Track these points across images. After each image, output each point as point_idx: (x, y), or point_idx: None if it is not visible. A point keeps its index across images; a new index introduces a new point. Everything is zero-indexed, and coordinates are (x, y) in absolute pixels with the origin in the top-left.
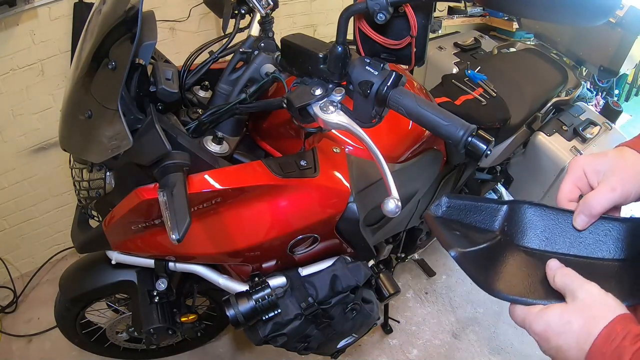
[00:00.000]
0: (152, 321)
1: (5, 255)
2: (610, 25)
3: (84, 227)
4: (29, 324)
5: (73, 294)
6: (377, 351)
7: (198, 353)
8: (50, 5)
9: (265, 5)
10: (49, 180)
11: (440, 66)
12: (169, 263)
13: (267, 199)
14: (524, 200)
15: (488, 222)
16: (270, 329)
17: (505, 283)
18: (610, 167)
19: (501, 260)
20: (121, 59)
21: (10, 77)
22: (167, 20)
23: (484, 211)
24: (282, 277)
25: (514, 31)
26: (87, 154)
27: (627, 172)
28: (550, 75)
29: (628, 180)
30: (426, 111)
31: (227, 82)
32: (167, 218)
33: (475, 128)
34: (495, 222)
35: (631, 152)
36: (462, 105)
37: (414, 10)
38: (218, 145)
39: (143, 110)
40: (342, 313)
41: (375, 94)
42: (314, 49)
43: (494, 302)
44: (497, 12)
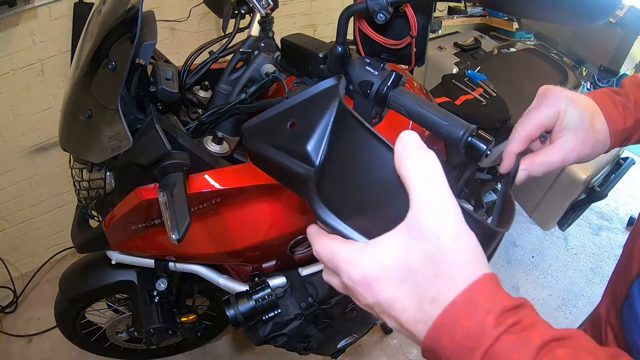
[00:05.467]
0: (152, 321)
1: (5, 255)
2: (610, 25)
3: (84, 227)
4: (29, 324)
5: (73, 294)
6: (377, 351)
7: (198, 353)
8: (50, 5)
9: (265, 5)
10: (49, 180)
11: (440, 66)
12: (169, 263)
13: (267, 199)
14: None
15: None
16: (270, 329)
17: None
18: (577, 132)
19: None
20: (121, 59)
21: (10, 77)
22: (167, 20)
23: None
24: (282, 277)
25: (514, 31)
26: (87, 154)
27: (588, 145)
28: (550, 75)
29: (585, 153)
30: (426, 111)
31: (227, 82)
32: (167, 218)
33: (475, 128)
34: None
35: (600, 122)
36: (462, 105)
37: (414, 10)
38: (218, 145)
39: (143, 110)
40: (342, 313)
41: (375, 94)
42: (314, 49)
43: None
44: (497, 12)
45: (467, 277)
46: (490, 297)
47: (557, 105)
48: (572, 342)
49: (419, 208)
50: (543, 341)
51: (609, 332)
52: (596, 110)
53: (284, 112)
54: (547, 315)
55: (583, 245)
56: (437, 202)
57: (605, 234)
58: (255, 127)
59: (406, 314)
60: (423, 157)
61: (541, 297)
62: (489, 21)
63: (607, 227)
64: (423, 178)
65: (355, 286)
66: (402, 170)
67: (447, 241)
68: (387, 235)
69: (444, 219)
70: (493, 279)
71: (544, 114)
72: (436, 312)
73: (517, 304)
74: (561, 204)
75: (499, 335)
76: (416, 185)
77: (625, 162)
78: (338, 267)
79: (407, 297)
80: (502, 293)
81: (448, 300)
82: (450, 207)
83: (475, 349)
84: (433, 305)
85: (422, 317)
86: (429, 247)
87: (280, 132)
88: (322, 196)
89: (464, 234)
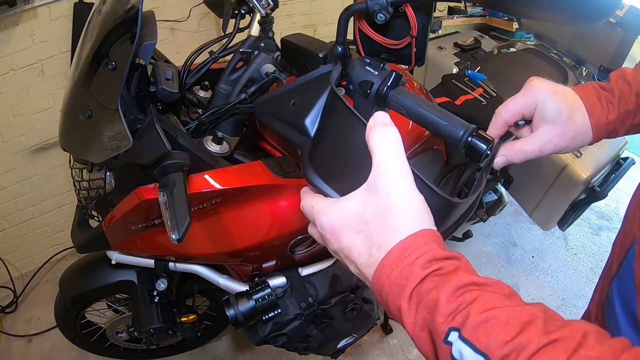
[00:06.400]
0: (152, 321)
1: (5, 255)
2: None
3: (84, 227)
4: (29, 324)
5: (73, 294)
6: (377, 351)
7: (198, 353)
8: (50, 5)
9: (265, 5)
10: (49, 180)
11: (440, 66)
12: (169, 263)
13: (267, 199)
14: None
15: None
16: (270, 329)
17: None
18: (555, 123)
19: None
20: (121, 59)
21: (10, 77)
22: (167, 20)
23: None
24: (282, 277)
25: (514, 31)
26: (87, 154)
27: (566, 136)
28: (550, 75)
29: (563, 144)
30: (426, 111)
31: (227, 82)
32: (167, 218)
33: (475, 128)
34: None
35: (581, 115)
36: (462, 105)
37: (414, 10)
38: (218, 145)
39: (143, 110)
40: (342, 313)
41: (375, 94)
42: (314, 49)
43: None
44: (497, 12)
45: (408, 230)
46: (423, 246)
47: (535, 96)
48: (491, 288)
49: (376, 170)
50: (460, 283)
51: None
52: (578, 104)
53: (288, 92)
54: None
55: (583, 245)
56: (391, 167)
57: (605, 234)
58: (266, 103)
59: (361, 258)
60: (386, 130)
61: (541, 297)
62: (489, 21)
63: (607, 227)
64: (383, 147)
65: (325, 233)
66: (369, 140)
67: (396, 199)
68: (352, 193)
69: (395, 181)
70: (431, 234)
71: (520, 103)
72: (380, 256)
73: (448, 256)
74: (561, 204)
75: (425, 276)
76: (377, 152)
77: (625, 162)
78: (314, 218)
79: (362, 244)
80: (435, 246)
81: (390, 247)
82: (402, 172)
83: (406, 286)
84: (379, 250)
85: (371, 261)
86: (381, 203)
87: (285, 108)
88: (312, 162)
89: (411, 194)
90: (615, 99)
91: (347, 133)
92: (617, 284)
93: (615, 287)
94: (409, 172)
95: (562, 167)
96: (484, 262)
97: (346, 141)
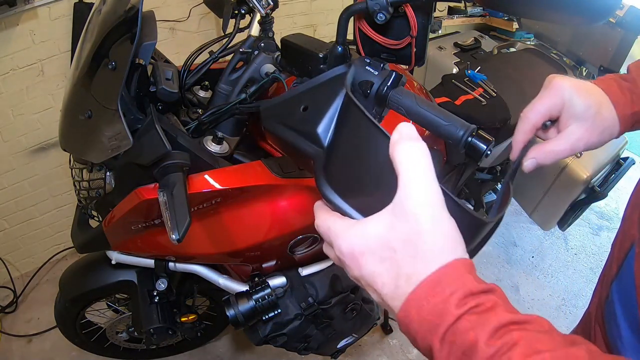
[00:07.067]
0: (152, 321)
1: (5, 255)
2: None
3: (84, 227)
4: (29, 324)
5: (73, 294)
6: (377, 351)
7: (198, 353)
8: (50, 5)
9: (265, 5)
10: (49, 180)
11: (440, 66)
12: (169, 263)
13: (267, 199)
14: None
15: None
16: (270, 329)
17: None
18: (584, 119)
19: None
20: (121, 59)
21: (10, 77)
22: (167, 20)
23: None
24: (282, 277)
25: (514, 31)
26: (87, 154)
27: (596, 132)
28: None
29: (593, 140)
30: (426, 111)
31: (227, 82)
32: (167, 218)
33: (475, 128)
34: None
35: (608, 108)
36: (462, 105)
37: (414, 10)
38: (218, 145)
39: (143, 110)
40: (342, 313)
41: (375, 94)
42: (314, 49)
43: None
44: (497, 12)
45: (440, 260)
46: (457, 280)
47: (561, 95)
48: (531, 326)
49: (404, 191)
50: (500, 323)
51: (597, 331)
52: (603, 97)
53: (298, 96)
54: (547, 315)
55: (583, 245)
56: (420, 187)
57: (605, 234)
58: (273, 108)
59: (385, 289)
60: (413, 146)
61: (541, 297)
62: (489, 21)
63: (607, 227)
64: (410, 165)
65: (344, 258)
66: (394, 156)
67: (426, 225)
68: (376, 215)
69: (425, 203)
70: (465, 264)
71: (547, 104)
72: (409, 289)
73: (484, 289)
74: (561, 204)
75: (461, 314)
76: (404, 170)
77: (625, 162)
78: (331, 240)
79: (387, 274)
80: (470, 278)
81: (420, 279)
82: (432, 193)
83: (439, 325)
84: (408, 282)
85: (398, 293)
86: (409, 229)
87: (294, 114)
88: (327, 175)
89: (443, 219)
90: (638, 89)
91: (367, 145)
92: (617, 287)
93: (616, 290)
94: (439, 193)
95: (562, 167)
96: (484, 262)
97: (366, 154)
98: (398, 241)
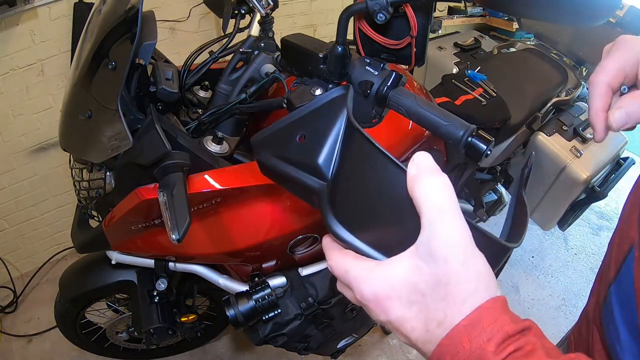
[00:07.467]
0: (152, 321)
1: (5, 255)
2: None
3: (84, 227)
4: (29, 324)
5: (73, 294)
6: (377, 351)
7: (198, 353)
8: (50, 5)
9: (265, 5)
10: (49, 180)
11: (440, 66)
12: (169, 263)
13: (267, 199)
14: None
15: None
16: (270, 329)
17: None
18: None
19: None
20: (121, 59)
21: (10, 77)
22: (167, 20)
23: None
24: (282, 277)
25: (514, 31)
26: (87, 154)
27: None
28: (550, 75)
29: None
30: (426, 111)
31: (227, 82)
32: (167, 218)
33: (475, 128)
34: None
35: None
36: (462, 105)
37: (414, 10)
38: (218, 145)
39: (143, 110)
40: (342, 313)
41: (375, 94)
42: (314, 49)
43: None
44: (497, 12)
45: (473, 302)
46: (493, 323)
47: (634, 47)
48: None
49: (430, 232)
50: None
51: (594, 332)
52: None
53: (292, 124)
54: (547, 315)
55: (583, 245)
56: (447, 227)
57: (605, 234)
58: (265, 140)
59: (415, 333)
60: (436, 181)
61: (541, 297)
62: (489, 21)
63: (607, 227)
64: (434, 202)
65: (368, 303)
66: (415, 193)
67: (456, 266)
68: (399, 256)
69: (453, 244)
70: (500, 302)
71: (619, 59)
72: (442, 334)
73: (521, 329)
74: (561, 204)
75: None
76: (427, 209)
77: (625, 162)
78: (351, 284)
79: (416, 318)
80: (506, 319)
81: (453, 324)
82: (460, 232)
83: None
84: (440, 327)
85: (429, 337)
86: (438, 271)
87: (290, 145)
88: (335, 211)
89: (473, 258)
90: None
91: (380, 178)
92: (616, 290)
93: (614, 293)
94: (466, 229)
95: (562, 167)
96: None
97: (379, 188)
98: (427, 284)
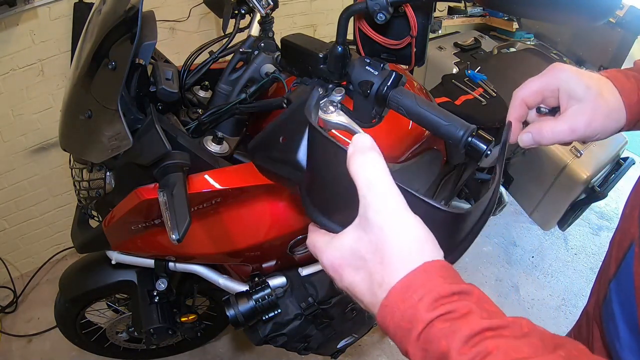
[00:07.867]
0: (152, 321)
1: (5, 255)
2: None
3: (84, 227)
4: (29, 324)
5: (73, 294)
6: (377, 351)
7: (198, 353)
8: (50, 5)
9: (265, 5)
10: (49, 180)
11: (440, 66)
12: (169, 263)
13: (267, 199)
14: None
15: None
16: (270, 329)
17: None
18: (585, 101)
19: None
20: (121, 59)
21: (10, 77)
22: (167, 20)
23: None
24: (282, 277)
25: (514, 31)
26: (87, 154)
27: (598, 115)
28: None
29: (596, 124)
30: (426, 111)
31: (227, 82)
32: (167, 218)
33: (475, 128)
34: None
35: (611, 92)
36: (462, 105)
37: (414, 10)
38: (218, 145)
39: (143, 110)
40: (342, 313)
41: (375, 94)
42: (314, 49)
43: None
44: (497, 12)
45: (408, 265)
46: (425, 284)
47: (556, 76)
48: (508, 331)
49: (364, 202)
50: (473, 331)
51: (595, 331)
52: (605, 82)
53: (274, 129)
54: (547, 315)
55: (583, 245)
56: (377, 196)
57: (605, 234)
58: (259, 145)
59: (365, 297)
60: (366, 157)
61: (541, 297)
62: (489, 21)
63: (607, 227)
64: (365, 177)
65: (328, 271)
66: (350, 170)
67: (389, 232)
68: (347, 228)
69: (385, 212)
70: (435, 266)
71: (539, 81)
72: (382, 296)
73: (456, 291)
74: (561, 204)
75: (431, 320)
76: (360, 183)
77: (625, 162)
78: (317, 256)
79: (363, 282)
80: (440, 281)
81: (391, 286)
82: (391, 199)
83: (411, 330)
84: (380, 289)
85: (374, 300)
86: (374, 238)
87: (275, 146)
88: (310, 196)
89: (406, 223)
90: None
91: (333, 163)
92: (616, 286)
93: (614, 290)
94: (399, 196)
95: (562, 167)
96: (484, 262)
97: (334, 171)
98: (367, 251)
